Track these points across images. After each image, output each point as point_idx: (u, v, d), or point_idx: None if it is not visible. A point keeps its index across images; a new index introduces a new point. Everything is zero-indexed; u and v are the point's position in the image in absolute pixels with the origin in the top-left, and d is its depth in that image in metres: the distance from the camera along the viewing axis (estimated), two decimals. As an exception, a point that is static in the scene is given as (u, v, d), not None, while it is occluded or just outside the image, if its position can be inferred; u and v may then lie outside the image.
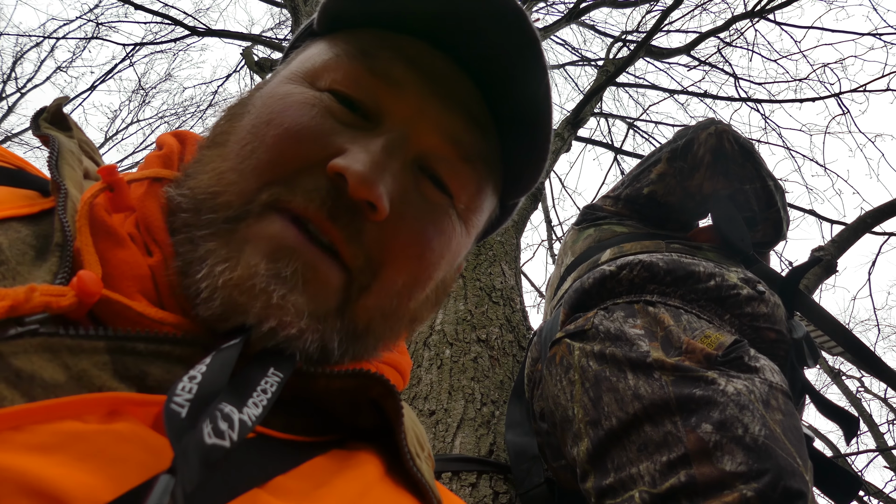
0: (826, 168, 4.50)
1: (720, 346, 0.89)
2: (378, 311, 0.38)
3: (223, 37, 4.75)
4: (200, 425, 0.25)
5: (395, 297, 0.38)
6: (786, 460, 0.74)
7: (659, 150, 1.34)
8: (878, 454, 5.48)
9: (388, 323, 0.39)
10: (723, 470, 0.74)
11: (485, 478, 1.16)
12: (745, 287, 1.04)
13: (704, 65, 4.80)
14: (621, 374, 0.91)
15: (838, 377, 6.42)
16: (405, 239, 0.38)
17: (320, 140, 0.36)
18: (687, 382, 0.84)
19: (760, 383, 0.84)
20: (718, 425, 0.78)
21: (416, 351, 1.59)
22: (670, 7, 2.93)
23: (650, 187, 1.33)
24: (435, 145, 0.40)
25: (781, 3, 3.49)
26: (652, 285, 1.05)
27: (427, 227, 0.39)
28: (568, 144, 3.16)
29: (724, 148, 1.24)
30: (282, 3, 4.93)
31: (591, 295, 1.09)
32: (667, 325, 0.95)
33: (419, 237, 0.38)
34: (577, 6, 4.39)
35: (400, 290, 0.38)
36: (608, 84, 2.91)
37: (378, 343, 0.39)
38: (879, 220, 1.71)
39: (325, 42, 0.43)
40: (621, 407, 0.87)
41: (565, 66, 5.87)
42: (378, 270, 0.37)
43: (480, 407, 1.36)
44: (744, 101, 4.30)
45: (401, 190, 0.37)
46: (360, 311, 0.37)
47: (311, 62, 0.41)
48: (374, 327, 0.38)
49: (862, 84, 3.75)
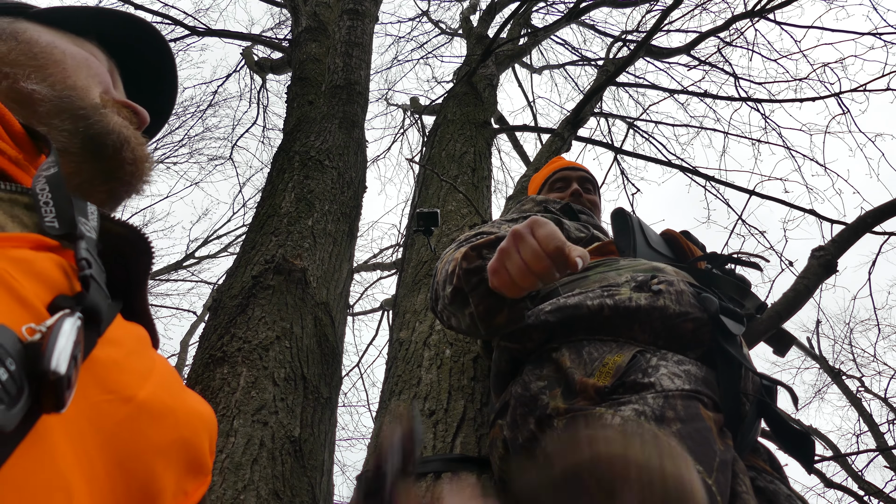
0: (826, 168, 4.49)
1: (617, 370, 0.91)
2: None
3: (223, 37, 4.75)
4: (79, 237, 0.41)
5: None
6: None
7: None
8: (878, 454, 5.48)
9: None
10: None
11: (485, 478, 1.16)
12: (639, 294, 1.03)
13: (704, 64, 4.80)
14: (537, 438, 0.93)
15: (838, 377, 6.42)
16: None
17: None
18: (576, 425, 0.86)
19: (653, 399, 0.84)
20: None
21: (416, 351, 1.59)
22: (670, 7, 2.93)
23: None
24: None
25: (781, 2, 3.49)
26: (553, 340, 1.05)
27: None
28: (568, 144, 3.16)
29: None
30: (282, 3, 4.93)
31: (506, 374, 1.11)
32: (566, 369, 0.96)
33: None
34: (577, 6, 4.38)
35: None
36: (608, 84, 2.91)
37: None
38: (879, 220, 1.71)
39: (43, 27, 0.62)
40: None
41: (565, 66, 5.88)
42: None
43: (480, 407, 1.36)
44: (744, 100, 4.30)
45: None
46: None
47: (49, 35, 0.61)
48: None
49: (862, 84, 3.75)
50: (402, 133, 6.23)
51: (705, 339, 1.01)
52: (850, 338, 7.51)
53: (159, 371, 0.42)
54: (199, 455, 0.44)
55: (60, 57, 0.57)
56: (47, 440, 0.30)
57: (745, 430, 0.93)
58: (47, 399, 0.29)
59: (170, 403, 0.41)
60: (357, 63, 3.27)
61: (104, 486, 0.35)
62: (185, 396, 0.44)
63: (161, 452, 0.39)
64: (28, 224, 0.41)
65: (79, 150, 0.54)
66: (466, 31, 5.31)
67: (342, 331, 2.20)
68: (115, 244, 0.46)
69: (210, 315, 1.92)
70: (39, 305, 0.34)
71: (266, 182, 2.56)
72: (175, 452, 0.41)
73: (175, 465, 0.41)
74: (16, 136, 0.46)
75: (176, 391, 0.43)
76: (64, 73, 0.56)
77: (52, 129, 0.52)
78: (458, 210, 2.29)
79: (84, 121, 0.54)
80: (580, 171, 1.74)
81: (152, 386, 0.39)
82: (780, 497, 0.91)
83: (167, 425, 0.40)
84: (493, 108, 3.80)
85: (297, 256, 1.98)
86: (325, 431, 1.69)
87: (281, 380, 1.60)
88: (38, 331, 0.31)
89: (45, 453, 0.30)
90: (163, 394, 0.40)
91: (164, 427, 0.39)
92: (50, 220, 0.41)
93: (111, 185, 0.57)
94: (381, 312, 5.78)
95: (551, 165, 1.84)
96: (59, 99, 0.54)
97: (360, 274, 7.02)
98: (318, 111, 2.90)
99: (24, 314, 0.32)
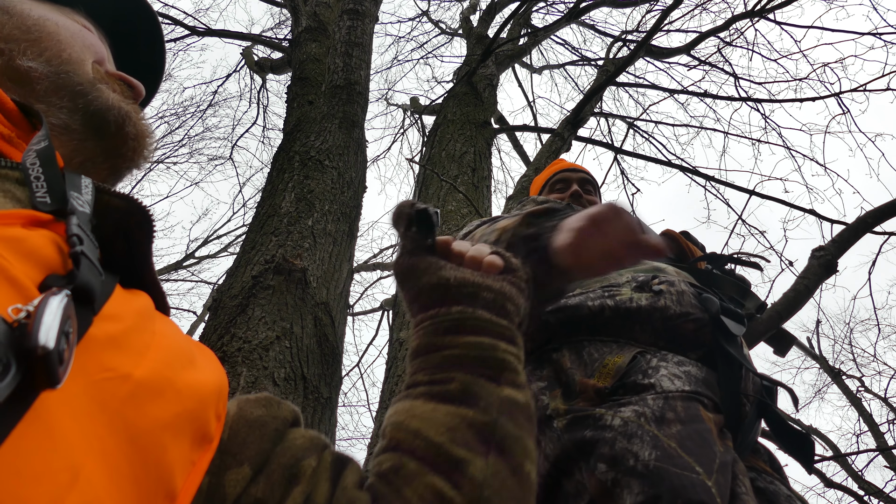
0: (826, 168, 4.49)
1: (618, 371, 0.90)
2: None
3: (223, 37, 4.75)
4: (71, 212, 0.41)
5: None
6: (680, 477, 0.74)
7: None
8: (878, 454, 5.48)
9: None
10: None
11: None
12: (640, 294, 1.03)
13: (704, 64, 4.80)
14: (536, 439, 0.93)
15: (838, 377, 6.42)
16: None
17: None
18: (578, 426, 0.86)
19: (653, 400, 0.84)
20: (611, 462, 0.79)
21: (416, 351, 1.59)
22: (670, 7, 2.93)
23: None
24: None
25: (781, 2, 3.49)
26: (553, 341, 1.05)
27: None
28: (568, 144, 3.16)
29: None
30: (282, 3, 4.93)
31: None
32: (566, 369, 0.96)
33: None
34: (577, 6, 4.39)
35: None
36: (608, 84, 2.91)
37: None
38: (879, 220, 1.71)
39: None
40: (538, 472, 0.89)
41: (565, 66, 5.88)
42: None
43: (480, 407, 1.36)
44: (744, 100, 4.30)
45: None
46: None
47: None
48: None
49: (862, 84, 3.76)
50: (402, 133, 6.24)
51: (706, 340, 1.00)
52: (850, 338, 7.53)
53: (158, 344, 0.42)
54: (204, 425, 0.44)
55: (54, 29, 0.56)
56: (47, 419, 0.30)
57: (746, 430, 0.93)
58: (40, 375, 0.29)
59: (169, 376, 0.40)
60: (357, 63, 3.27)
61: (120, 463, 0.34)
62: (185, 367, 0.44)
63: (168, 427, 0.39)
64: (21, 199, 0.41)
65: (81, 128, 0.53)
66: (466, 31, 5.31)
67: (342, 331, 2.20)
68: (113, 216, 0.46)
69: (210, 315, 1.91)
70: (30, 285, 0.34)
71: (266, 182, 2.56)
72: (181, 425, 0.41)
73: (182, 437, 0.41)
74: (9, 114, 0.46)
75: (176, 362, 0.43)
76: (59, 46, 0.55)
77: (52, 106, 0.52)
78: (458, 210, 2.29)
79: (83, 97, 0.53)
80: (580, 173, 1.74)
81: (150, 361, 0.39)
82: (780, 498, 0.91)
83: (169, 399, 0.40)
84: (493, 108, 3.80)
85: (297, 256, 1.98)
86: (325, 431, 1.69)
87: (281, 380, 1.60)
88: (24, 310, 0.30)
89: (45, 432, 0.30)
90: (162, 367, 0.40)
91: (166, 401, 0.39)
92: (41, 195, 0.41)
93: (113, 161, 0.56)
94: (381, 312, 5.79)
95: (552, 167, 1.84)
96: (57, 75, 0.53)
97: (360, 274, 7.03)
98: (318, 111, 2.90)
99: (13, 294, 0.32)
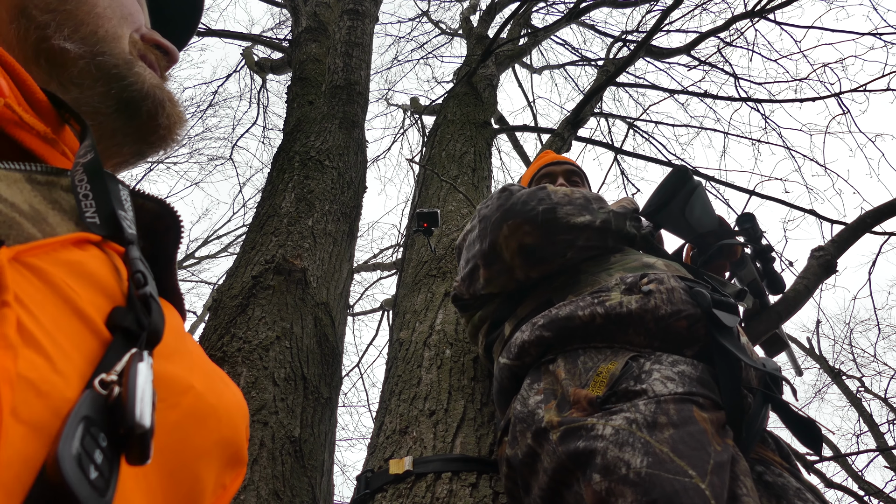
0: (826, 168, 4.48)
1: (611, 378, 0.91)
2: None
3: (223, 37, 4.75)
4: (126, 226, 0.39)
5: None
6: (672, 482, 0.74)
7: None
8: (878, 454, 5.48)
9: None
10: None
11: (485, 478, 1.16)
12: (629, 297, 1.02)
13: (704, 65, 4.80)
14: (535, 452, 0.93)
15: (838, 377, 6.42)
16: None
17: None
18: (571, 437, 0.86)
19: (645, 406, 0.84)
20: (604, 471, 0.79)
21: (416, 351, 1.59)
22: (670, 7, 2.93)
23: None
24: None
25: (781, 2, 3.49)
26: (550, 353, 1.05)
27: None
28: (568, 144, 3.16)
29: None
30: (282, 4, 4.93)
31: (508, 390, 1.11)
32: (561, 380, 0.96)
33: None
34: (577, 6, 4.38)
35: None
36: (608, 84, 2.91)
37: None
38: (879, 220, 1.71)
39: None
40: (538, 485, 0.89)
41: (565, 66, 5.87)
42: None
43: (480, 407, 1.36)
44: (744, 100, 4.30)
45: None
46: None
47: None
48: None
49: (862, 84, 3.74)
50: (402, 133, 6.25)
51: (701, 335, 0.99)
52: (850, 338, 7.52)
53: (196, 366, 0.40)
54: (238, 450, 0.42)
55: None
56: (124, 492, 0.29)
57: (750, 423, 0.92)
58: (132, 454, 0.27)
59: (212, 402, 0.39)
60: (357, 63, 3.27)
61: (157, 498, 0.33)
62: (222, 389, 0.42)
63: (205, 455, 0.38)
64: (67, 209, 0.38)
65: (111, 112, 0.50)
66: (466, 31, 5.31)
67: (342, 331, 2.21)
68: (143, 220, 0.44)
69: (210, 315, 1.92)
70: (98, 319, 0.32)
71: (266, 182, 2.57)
72: (217, 452, 0.39)
73: (216, 463, 0.39)
74: (40, 107, 0.42)
75: (214, 385, 0.41)
76: (96, 21, 0.50)
77: (85, 89, 0.49)
78: (458, 210, 2.29)
79: (118, 81, 0.50)
80: (565, 164, 1.73)
81: (196, 385, 0.38)
82: (789, 492, 0.89)
83: (210, 427, 0.38)
84: (493, 108, 3.80)
85: (297, 256, 1.98)
86: (325, 431, 1.69)
87: (281, 380, 1.60)
88: (111, 382, 0.28)
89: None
90: (206, 392, 0.39)
91: (207, 429, 0.38)
92: (90, 214, 0.38)
93: (139, 146, 0.54)
94: (381, 312, 5.78)
95: (538, 162, 1.84)
96: (93, 56, 0.49)
97: (360, 274, 7.03)
98: (318, 111, 2.90)
99: (85, 335, 0.31)
